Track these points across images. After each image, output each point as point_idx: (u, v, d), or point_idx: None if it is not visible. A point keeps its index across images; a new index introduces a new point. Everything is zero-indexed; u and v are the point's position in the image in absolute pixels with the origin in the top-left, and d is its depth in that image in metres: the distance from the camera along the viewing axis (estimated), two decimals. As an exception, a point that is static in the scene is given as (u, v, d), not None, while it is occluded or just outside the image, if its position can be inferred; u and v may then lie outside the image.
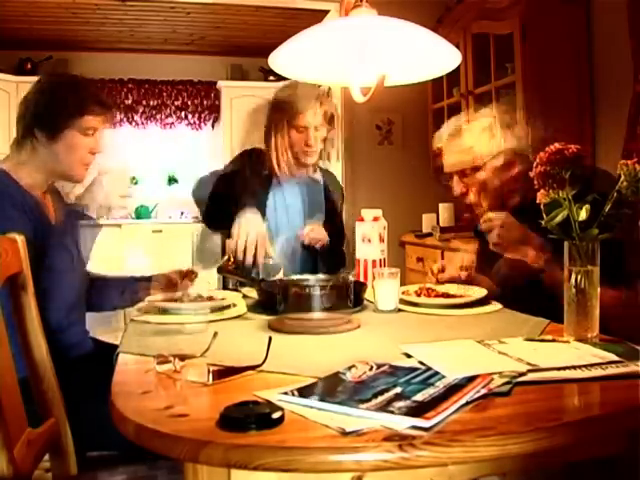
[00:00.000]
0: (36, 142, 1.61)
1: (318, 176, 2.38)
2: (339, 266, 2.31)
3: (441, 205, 4.06)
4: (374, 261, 1.97)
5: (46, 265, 1.54)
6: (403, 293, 1.75)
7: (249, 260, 1.93)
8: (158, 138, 6.63)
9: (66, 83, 1.68)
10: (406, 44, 1.57)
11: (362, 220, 2.02)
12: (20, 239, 1.29)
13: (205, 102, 6.62)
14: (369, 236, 1.99)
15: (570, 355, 1.11)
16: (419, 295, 1.74)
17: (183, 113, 6.61)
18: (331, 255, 2.26)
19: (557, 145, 1.24)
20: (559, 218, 1.23)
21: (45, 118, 1.60)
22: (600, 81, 3.12)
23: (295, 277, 1.61)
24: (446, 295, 1.72)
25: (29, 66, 6.01)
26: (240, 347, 1.29)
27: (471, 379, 0.96)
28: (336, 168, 4.42)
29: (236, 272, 1.85)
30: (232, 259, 1.93)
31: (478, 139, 1.75)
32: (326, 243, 2.22)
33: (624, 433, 0.87)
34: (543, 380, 0.98)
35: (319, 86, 2.24)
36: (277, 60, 1.60)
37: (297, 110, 2.16)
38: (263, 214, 2.14)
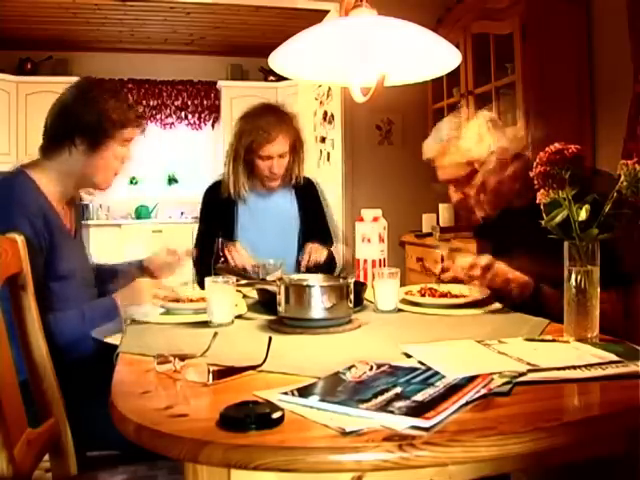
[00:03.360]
0: (74, 150, 1.59)
1: (288, 190, 2.40)
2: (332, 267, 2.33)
3: (441, 205, 4.06)
4: (374, 261, 1.97)
5: (63, 277, 1.56)
6: (406, 293, 1.75)
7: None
8: (158, 138, 6.63)
9: (108, 92, 1.64)
10: (406, 44, 1.57)
11: (362, 220, 2.02)
12: (20, 239, 1.28)
13: (205, 102, 6.63)
14: (369, 236, 1.99)
15: (570, 355, 1.11)
16: (423, 295, 1.74)
17: (183, 113, 6.62)
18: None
19: (557, 145, 1.24)
20: (559, 218, 1.23)
21: (88, 128, 1.58)
22: (600, 81, 3.12)
23: (295, 277, 1.61)
24: (448, 295, 1.72)
25: (29, 66, 6.02)
26: (240, 347, 1.29)
27: (471, 379, 0.96)
28: (336, 168, 4.43)
29: (235, 271, 1.85)
30: (223, 258, 1.95)
31: (466, 147, 1.72)
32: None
33: (624, 433, 0.87)
34: (543, 380, 0.98)
35: (285, 113, 2.29)
36: (277, 60, 1.60)
37: (262, 140, 2.20)
38: (232, 237, 2.24)
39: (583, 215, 1.20)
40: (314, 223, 2.40)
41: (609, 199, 1.20)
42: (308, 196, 2.43)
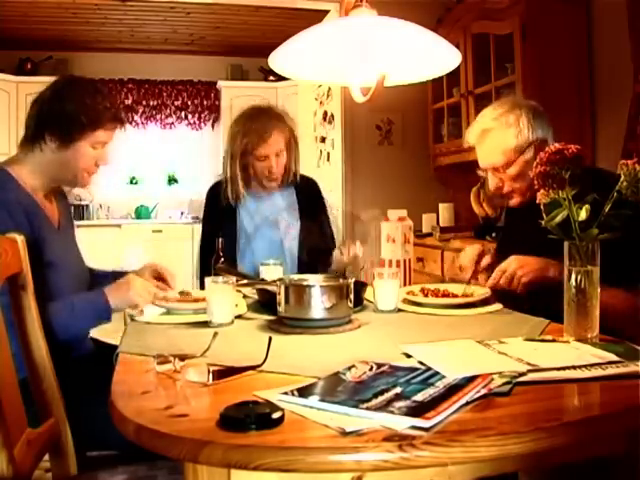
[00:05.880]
0: (45, 146, 1.59)
1: (289, 189, 2.40)
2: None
3: (441, 205, 4.06)
4: (398, 261, 1.97)
5: (50, 267, 1.55)
6: (408, 293, 1.75)
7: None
8: (158, 138, 6.63)
9: (84, 92, 1.62)
10: (406, 44, 1.57)
11: (387, 220, 2.01)
12: (20, 239, 1.28)
13: (205, 102, 6.63)
14: (393, 236, 1.98)
15: (570, 355, 1.11)
16: (426, 295, 1.74)
17: (183, 113, 6.62)
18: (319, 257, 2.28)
19: (557, 145, 1.24)
20: (559, 218, 1.23)
21: (58, 126, 1.57)
22: (600, 81, 3.12)
23: (295, 277, 1.61)
24: (450, 295, 1.72)
25: (29, 66, 6.02)
26: (240, 347, 1.29)
27: (471, 379, 0.96)
28: (336, 168, 4.43)
29: (235, 272, 1.85)
30: (223, 258, 1.95)
31: (506, 136, 1.73)
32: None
33: (624, 433, 0.87)
34: (543, 380, 0.98)
35: (277, 112, 2.31)
36: (277, 60, 1.60)
37: (257, 140, 2.21)
38: (234, 241, 2.24)
39: (583, 215, 1.20)
40: (314, 221, 2.37)
41: (609, 199, 1.20)
42: (309, 194, 2.43)
